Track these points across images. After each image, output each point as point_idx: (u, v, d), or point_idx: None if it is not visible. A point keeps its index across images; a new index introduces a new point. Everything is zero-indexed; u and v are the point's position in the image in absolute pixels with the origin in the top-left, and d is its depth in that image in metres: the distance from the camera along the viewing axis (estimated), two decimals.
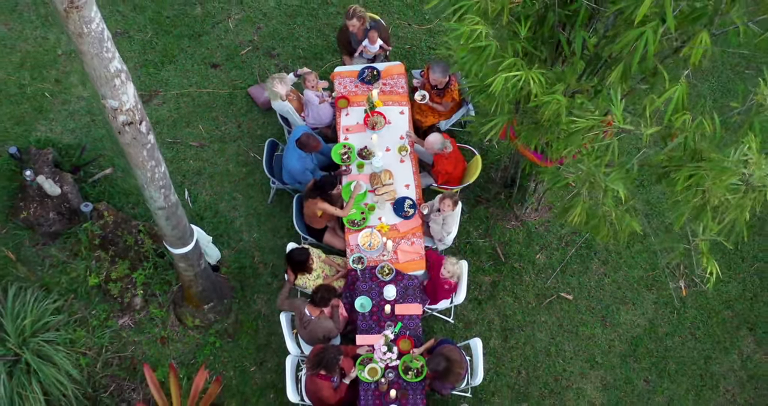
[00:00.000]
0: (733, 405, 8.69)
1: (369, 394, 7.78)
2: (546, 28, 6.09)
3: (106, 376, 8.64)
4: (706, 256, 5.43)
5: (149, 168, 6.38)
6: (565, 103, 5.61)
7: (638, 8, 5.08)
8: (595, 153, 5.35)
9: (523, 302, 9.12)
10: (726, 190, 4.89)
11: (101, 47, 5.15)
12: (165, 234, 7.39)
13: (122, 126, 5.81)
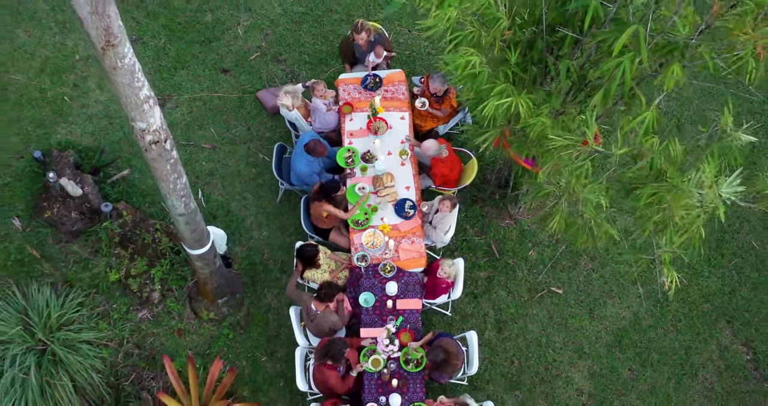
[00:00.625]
0: (711, 393, 9.34)
1: (372, 383, 8.41)
2: (535, 52, 6.65)
3: (127, 366, 9.28)
4: (667, 267, 6.02)
5: (172, 180, 6.97)
6: (550, 125, 6.19)
7: (617, 40, 5.67)
8: (571, 169, 5.92)
9: (516, 296, 9.74)
10: (683, 209, 5.48)
11: (133, 78, 5.72)
12: (184, 237, 7.99)
13: (149, 144, 6.39)
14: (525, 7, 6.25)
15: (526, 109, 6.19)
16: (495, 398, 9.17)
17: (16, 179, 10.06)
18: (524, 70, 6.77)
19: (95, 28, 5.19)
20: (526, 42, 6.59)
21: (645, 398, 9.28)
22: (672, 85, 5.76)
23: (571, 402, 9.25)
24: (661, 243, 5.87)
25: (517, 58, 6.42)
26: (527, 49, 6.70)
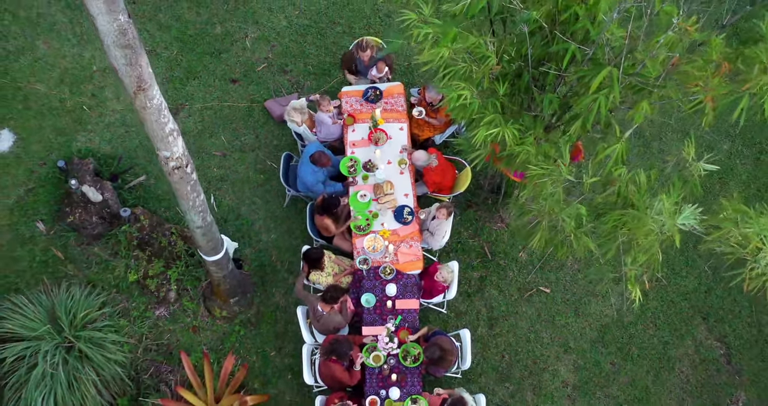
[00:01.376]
0: (686, 385, 10.10)
1: (374, 377, 9.15)
2: (522, 83, 7.33)
3: (147, 360, 10.02)
4: (632, 283, 6.73)
5: (191, 198, 7.68)
6: (533, 152, 6.89)
7: (594, 78, 6.35)
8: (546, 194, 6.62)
9: (507, 294, 10.47)
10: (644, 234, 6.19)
11: (159, 115, 6.42)
12: (201, 246, 8.72)
13: (172, 169, 7.10)
14: (512, 45, 6.91)
15: (512, 139, 6.88)
16: (486, 390, 9.92)
17: (39, 185, 10.75)
18: (512, 98, 7.45)
19: (128, 76, 5.87)
20: (513, 74, 7.26)
21: (625, 389, 10.04)
22: (641, 119, 6.44)
23: (557, 394, 10.01)
24: (627, 261, 6.58)
25: (506, 90, 7.09)
26: (515, 79, 7.37)
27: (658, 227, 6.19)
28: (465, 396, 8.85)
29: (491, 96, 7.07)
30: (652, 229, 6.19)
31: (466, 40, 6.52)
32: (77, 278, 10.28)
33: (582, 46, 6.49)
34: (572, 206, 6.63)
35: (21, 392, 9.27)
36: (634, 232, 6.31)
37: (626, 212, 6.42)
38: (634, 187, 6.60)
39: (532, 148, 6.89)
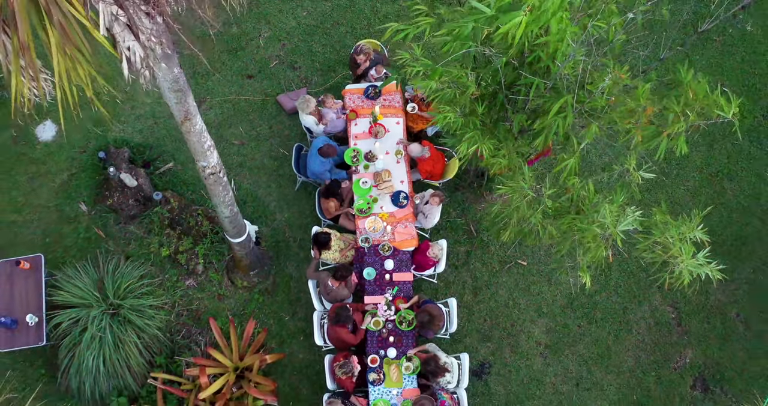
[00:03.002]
0: (642, 344, 11.75)
1: (374, 339, 10.79)
2: (498, 101, 8.81)
3: (179, 324, 11.67)
4: (583, 270, 8.29)
5: (222, 196, 9.24)
6: (505, 163, 8.42)
7: (554, 104, 7.84)
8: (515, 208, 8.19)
9: (489, 266, 12.07)
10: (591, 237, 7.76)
11: (200, 136, 7.95)
12: (228, 230, 10.30)
13: (208, 175, 8.65)
14: (488, 73, 8.38)
15: (488, 152, 8.41)
16: (471, 348, 11.59)
17: (80, 171, 12.27)
18: (489, 113, 8.92)
19: (178, 111, 7.40)
20: (490, 95, 8.74)
21: (590, 348, 11.71)
22: (591, 138, 7.94)
23: (531, 352, 11.68)
24: (580, 253, 8.15)
25: (484, 109, 8.58)
26: (492, 98, 8.86)
27: (603, 232, 7.76)
28: (437, 353, 10.52)
29: (471, 114, 8.56)
30: (597, 234, 7.76)
31: (451, 73, 7.99)
32: (117, 253, 11.86)
33: (545, 78, 7.96)
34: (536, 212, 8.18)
35: (74, 351, 10.86)
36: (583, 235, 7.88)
37: (577, 217, 7.97)
38: (585, 193, 8.14)
39: (504, 160, 8.42)
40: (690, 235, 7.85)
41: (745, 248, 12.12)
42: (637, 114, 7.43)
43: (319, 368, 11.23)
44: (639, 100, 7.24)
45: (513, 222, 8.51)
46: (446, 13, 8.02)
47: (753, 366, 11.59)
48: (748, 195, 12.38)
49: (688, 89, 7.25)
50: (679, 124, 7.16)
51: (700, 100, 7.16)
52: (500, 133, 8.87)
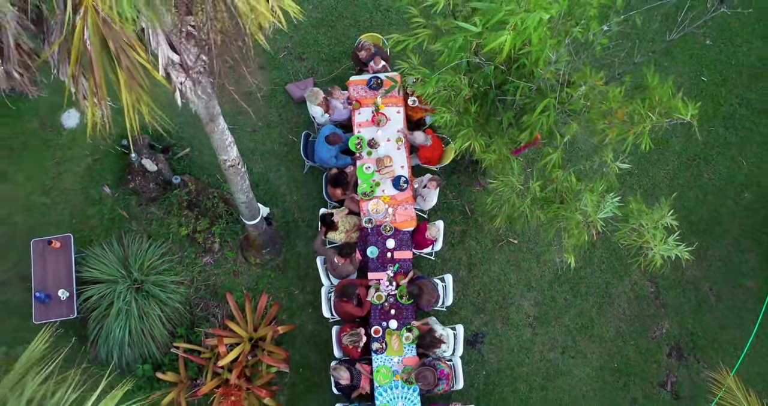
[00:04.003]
0: (623, 315, 12.80)
1: (377, 312, 11.83)
2: (489, 99, 9.76)
3: (197, 298, 12.72)
4: (568, 253, 9.28)
5: (239, 184, 10.24)
6: (495, 158, 9.40)
7: (539, 104, 8.79)
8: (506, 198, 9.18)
9: (483, 245, 13.09)
10: (574, 224, 8.75)
11: (223, 134, 8.92)
12: (243, 214, 11.30)
13: (228, 167, 9.63)
14: (480, 77, 9.31)
15: (480, 148, 9.38)
16: (466, 320, 12.64)
17: (104, 156, 13.23)
18: (481, 110, 9.86)
19: (205, 114, 8.36)
20: (482, 94, 9.68)
21: (575, 319, 12.76)
22: (572, 134, 8.90)
23: (521, 323, 12.74)
24: (565, 237, 9.15)
25: (476, 109, 9.53)
26: (484, 97, 9.80)
27: (584, 219, 8.75)
28: (434, 326, 11.56)
29: (465, 113, 9.52)
30: (579, 221, 8.76)
31: (446, 79, 8.93)
32: (139, 233, 12.87)
33: (530, 81, 8.91)
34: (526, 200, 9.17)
35: (102, 323, 11.92)
36: (567, 222, 8.88)
37: (561, 206, 8.97)
38: (568, 184, 9.12)
39: (495, 155, 9.39)
40: (662, 222, 8.81)
41: (719, 227, 13.12)
42: (610, 115, 8.38)
43: (326, 338, 12.27)
44: (611, 103, 8.19)
45: (504, 210, 9.50)
46: (442, 24, 8.95)
47: (724, 336, 12.64)
48: (723, 178, 13.35)
49: (654, 93, 8.20)
50: (644, 124, 8.11)
51: (663, 104, 8.11)
52: (491, 128, 9.82)
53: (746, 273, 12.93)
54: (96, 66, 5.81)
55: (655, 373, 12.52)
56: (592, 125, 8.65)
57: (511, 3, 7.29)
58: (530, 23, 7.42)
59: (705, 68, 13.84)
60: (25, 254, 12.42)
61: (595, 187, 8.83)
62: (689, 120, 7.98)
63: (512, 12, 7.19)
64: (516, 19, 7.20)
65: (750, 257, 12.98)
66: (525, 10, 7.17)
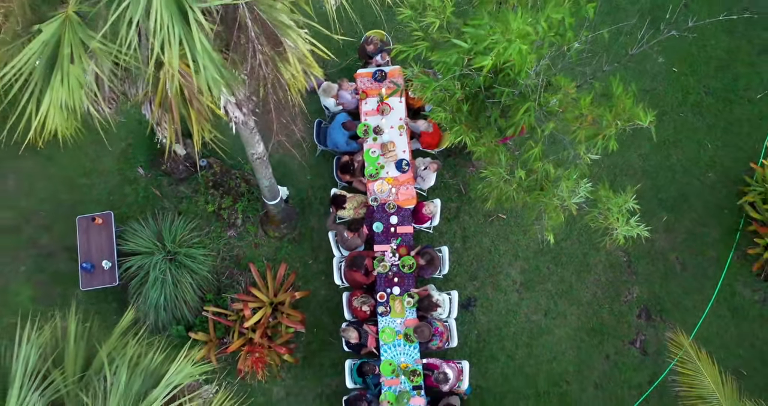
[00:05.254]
0: (598, 282, 14.49)
1: (382, 279, 13.50)
2: (479, 100, 11.31)
3: (223, 267, 14.40)
4: (548, 231, 10.90)
5: (264, 173, 11.87)
6: (484, 150, 10.99)
7: (521, 106, 10.36)
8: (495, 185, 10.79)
9: (476, 219, 14.73)
10: (552, 208, 10.38)
11: (252, 133, 10.50)
12: (265, 195, 12.94)
13: (255, 159, 11.25)
14: (471, 82, 10.85)
15: (471, 142, 10.98)
16: (460, 286, 14.33)
17: (136, 140, 14.82)
18: (472, 107, 11.40)
19: (244, 129, 9.94)
20: (472, 95, 11.23)
21: (556, 285, 14.46)
22: (549, 131, 10.47)
23: (509, 289, 14.44)
24: (545, 217, 10.77)
25: (468, 107, 11.09)
26: (474, 97, 11.35)
27: (561, 203, 10.37)
28: (432, 293, 13.27)
29: (458, 112, 11.09)
30: (556, 206, 10.38)
31: (441, 85, 10.49)
32: (171, 209, 14.51)
33: (514, 86, 10.47)
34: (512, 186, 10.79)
35: (141, 290, 13.53)
36: (546, 206, 10.51)
37: (541, 193, 10.58)
38: (546, 173, 10.72)
39: (484, 147, 10.99)
40: (625, 206, 10.42)
41: (685, 204, 14.75)
42: (581, 118, 9.97)
43: (337, 302, 13.94)
44: (582, 109, 9.77)
45: (494, 195, 11.13)
46: (438, 36, 10.48)
47: (687, 300, 14.33)
48: (690, 159, 14.95)
49: (619, 102, 9.78)
50: (610, 128, 9.70)
51: (626, 111, 9.69)
52: (481, 123, 11.39)
53: (709, 244, 14.58)
54: (174, 107, 7.40)
55: (626, 332, 14.23)
56: (566, 126, 10.21)
57: (496, 33, 8.82)
58: (512, 51, 8.99)
59: (676, 60, 15.36)
60: (70, 229, 14.06)
61: (570, 174, 10.42)
62: (647, 126, 9.55)
63: (496, 41, 8.73)
64: (499, 47, 8.76)
65: (712, 231, 14.61)
66: (507, 40, 8.72)
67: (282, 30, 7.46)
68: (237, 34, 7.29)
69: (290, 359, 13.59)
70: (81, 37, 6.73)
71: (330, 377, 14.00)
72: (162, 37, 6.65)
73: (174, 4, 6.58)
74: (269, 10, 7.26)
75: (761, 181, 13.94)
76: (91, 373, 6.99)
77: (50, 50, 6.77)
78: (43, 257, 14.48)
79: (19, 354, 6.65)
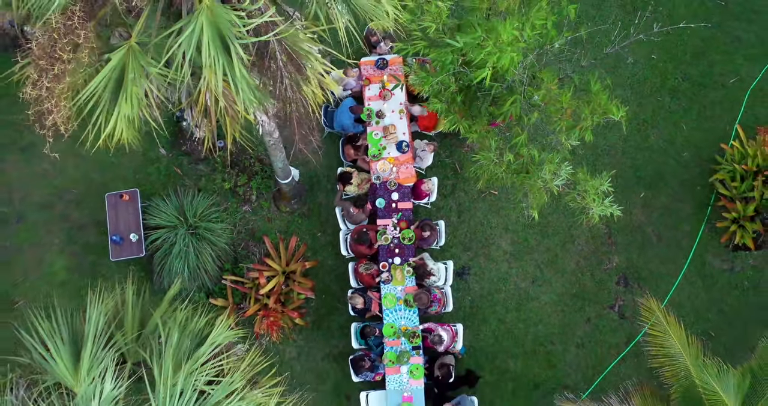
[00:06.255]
0: (581, 252, 15.87)
1: (384, 250, 14.89)
2: (471, 91, 12.62)
3: (240, 239, 15.78)
4: (533, 209, 12.26)
5: (279, 156, 13.22)
6: (476, 136, 12.33)
7: (508, 99, 11.68)
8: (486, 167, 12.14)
9: (469, 195, 16.08)
10: (536, 189, 11.73)
11: (269, 124, 11.82)
12: (279, 175, 14.31)
13: (270, 144, 12.60)
14: (465, 76, 12.15)
15: (464, 129, 12.31)
16: (455, 256, 15.74)
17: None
18: (465, 98, 12.71)
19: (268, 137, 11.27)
20: (465, 87, 12.54)
21: (543, 255, 15.87)
22: (534, 120, 11.80)
23: (500, 258, 15.85)
24: (530, 196, 12.12)
25: (462, 98, 12.40)
26: (467, 88, 12.66)
27: (544, 185, 11.73)
28: (427, 261, 14.69)
29: (452, 103, 12.41)
30: (540, 187, 11.75)
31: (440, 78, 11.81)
32: (191, 187, 15.86)
33: (502, 81, 11.78)
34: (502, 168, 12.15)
35: (165, 260, 14.87)
36: (531, 187, 11.88)
37: (527, 176, 11.95)
38: (530, 158, 12.07)
39: (476, 134, 12.33)
40: (601, 188, 11.78)
41: (662, 181, 16.11)
42: (561, 111, 11.30)
43: (343, 271, 15.34)
44: (562, 104, 11.10)
45: (484, 177, 12.50)
46: (435, 35, 11.77)
47: (662, 268, 15.75)
48: (666, 140, 16.29)
49: (595, 98, 11.10)
50: (587, 121, 11.04)
51: (602, 106, 11.02)
52: (473, 111, 12.71)
53: (682, 218, 15.97)
54: (212, 113, 8.76)
55: (606, 298, 15.67)
56: (549, 116, 11.55)
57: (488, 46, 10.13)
58: (505, 60, 10.31)
59: (655, 47, 16.62)
60: (99, 205, 15.43)
61: (553, 158, 11.77)
62: (618, 119, 10.89)
63: (490, 53, 10.05)
64: (493, 58, 10.09)
65: (686, 206, 16.00)
66: (499, 50, 10.04)
67: (304, 57, 8.76)
68: (268, 63, 8.62)
69: (301, 323, 15.08)
70: (142, 63, 8.10)
71: (337, 339, 15.46)
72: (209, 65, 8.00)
73: (219, 41, 7.93)
74: (294, 41, 8.59)
75: (730, 160, 15.30)
76: (147, 333, 8.44)
77: (117, 74, 8.15)
78: (75, 230, 15.85)
79: (90, 319, 8.08)
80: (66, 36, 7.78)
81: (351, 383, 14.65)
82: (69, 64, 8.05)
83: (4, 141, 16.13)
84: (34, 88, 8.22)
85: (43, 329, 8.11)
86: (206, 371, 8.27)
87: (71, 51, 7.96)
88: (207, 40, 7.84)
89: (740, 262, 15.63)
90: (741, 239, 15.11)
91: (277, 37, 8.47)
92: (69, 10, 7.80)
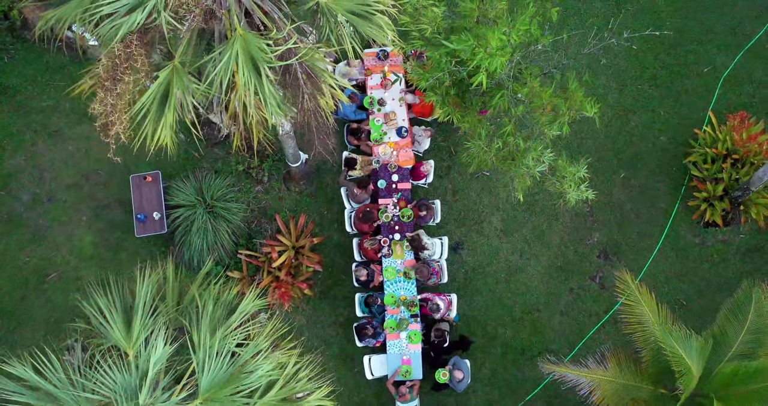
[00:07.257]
0: (566, 229, 17.30)
1: (385, 227, 16.31)
2: (464, 85, 13.98)
3: (253, 217, 17.19)
4: (520, 192, 13.66)
5: (290, 144, 14.62)
6: (468, 126, 13.71)
7: (496, 93, 13.05)
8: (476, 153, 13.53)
9: (464, 176, 17.47)
10: (520, 174, 13.12)
11: (290, 137, 13.20)
12: (290, 159, 15.72)
13: (282, 135, 13.99)
14: (458, 72, 13.50)
15: (457, 119, 13.69)
16: (451, 232, 17.16)
17: None
18: (458, 90, 14.07)
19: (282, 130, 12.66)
20: (458, 81, 13.89)
21: (530, 231, 17.29)
22: (520, 113, 13.18)
23: (491, 234, 17.28)
24: (515, 179, 13.52)
25: (455, 91, 13.76)
26: (460, 84, 14.01)
27: (528, 171, 13.13)
28: (423, 237, 16.13)
29: (447, 95, 13.78)
30: (524, 173, 13.16)
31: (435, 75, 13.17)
32: (208, 169, 17.26)
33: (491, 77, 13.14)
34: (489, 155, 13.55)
35: (185, 236, 16.33)
36: (515, 172, 13.29)
37: (513, 163, 13.36)
38: (516, 147, 13.47)
39: (468, 124, 13.71)
40: (578, 175, 13.18)
41: (640, 163, 17.52)
42: (542, 107, 12.69)
43: (348, 246, 16.79)
44: (543, 100, 12.48)
45: (475, 162, 13.91)
46: (431, 36, 13.12)
47: (640, 243, 17.20)
48: (645, 124, 17.64)
49: (573, 95, 12.47)
50: (565, 117, 12.43)
51: (578, 103, 12.40)
52: (465, 103, 14.09)
53: (659, 197, 17.40)
54: (240, 118, 10.19)
55: (588, 270, 17.14)
56: (533, 109, 12.93)
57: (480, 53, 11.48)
58: (495, 64, 11.68)
59: (635, 39, 17.93)
60: (123, 185, 16.87)
61: (536, 146, 13.15)
62: (592, 116, 12.27)
63: (482, 58, 11.43)
64: (486, 63, 11.46)
65: (662, 185, 17.43)
66: (490, 55, 11.41)
67: (320, 74, 10.15)
68: (291, 80, 10.02)
69: (310, 293, 16.56)
70: (184, 80, 9.52)
71: (342, 308, 16.95)
72: (243, 84, 9.41)
73: (251, 63, 9.34)
74: (312, 61, 9.98)
75: (703, 144, 16.71)
76: (185, 304, 9.94)
77: (163, 89, 9.59)
78: (101, 208, 17.26)
79: (140, 292, 9.58)
80: (126, 61, 9.19)
81: (355, 347, 16.18)
82: (129, 85, 9.47)
83: (36, 127, 17.48)
84: (101, 104, 9.66)
85: (100, 300, 9.57)
86: (236, 336, 9.77)
87: (131, 74, 9.37)
88: (242, 63, 9.26)
89: (710, 237, 17.09)
90: (711, 217, 16.52)
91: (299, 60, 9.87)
92: (127, 38, 9.20)
